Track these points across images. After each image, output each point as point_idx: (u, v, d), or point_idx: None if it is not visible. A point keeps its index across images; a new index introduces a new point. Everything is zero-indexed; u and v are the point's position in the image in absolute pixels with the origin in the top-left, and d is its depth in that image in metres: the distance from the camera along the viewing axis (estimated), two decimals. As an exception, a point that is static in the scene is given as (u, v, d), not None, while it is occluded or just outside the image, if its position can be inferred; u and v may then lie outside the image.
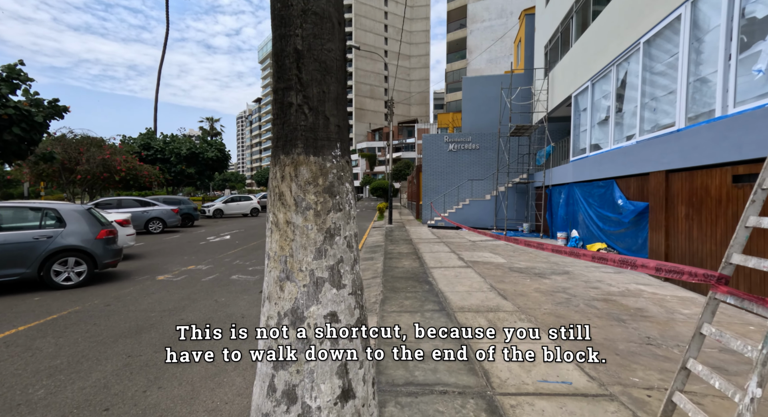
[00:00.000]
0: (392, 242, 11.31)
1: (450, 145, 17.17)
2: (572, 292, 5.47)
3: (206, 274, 6.93)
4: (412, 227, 16.08)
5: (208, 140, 22.76)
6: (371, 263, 8.03)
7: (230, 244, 11.26)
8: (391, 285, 5.97)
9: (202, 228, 16.14)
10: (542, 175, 13.50)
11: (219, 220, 20.69)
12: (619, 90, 8.07)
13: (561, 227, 11.46)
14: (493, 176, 16.39)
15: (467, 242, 11.26)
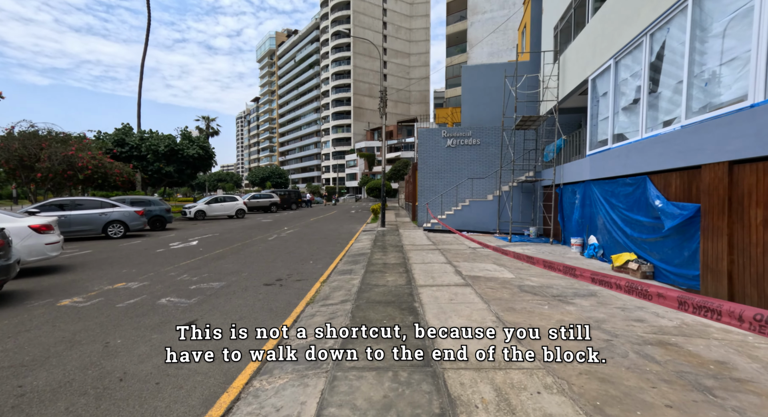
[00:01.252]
0: (380, 249, 9.78)
1: (448, 140, 15.64)
2: (610, 329, 3.93)
3: (130, 296, 5.41)
4: (406, 231, 14.54)
5: (190, 136, 21.25)
6: (347, 279, 6.49)
7: (191, 251, 9.73)
8: (362, 315, 4.43)
9: (172, 232, 14.62)
10: (552, 172, 11.96)
11: (199, 223, 19.17)
12: (653, 65, 6.53)
13: (575, 232, 9.91)
14: (495, 174, 14.84)
15: (466, 250, 9.72)
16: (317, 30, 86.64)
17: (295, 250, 10.17)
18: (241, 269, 7.49)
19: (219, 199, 22.31)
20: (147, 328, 4.14)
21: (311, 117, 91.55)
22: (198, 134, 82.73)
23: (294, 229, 16.00)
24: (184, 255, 9.14)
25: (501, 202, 13.86)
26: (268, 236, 13.23)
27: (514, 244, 11.19)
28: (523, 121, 12.31)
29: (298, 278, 6.76)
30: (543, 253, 9.39)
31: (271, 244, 11.34)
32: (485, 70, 15.85)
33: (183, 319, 4.41)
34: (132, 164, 18.49)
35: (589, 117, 9.25)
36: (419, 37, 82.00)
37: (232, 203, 22.45)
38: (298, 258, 8.89)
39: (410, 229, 15.32)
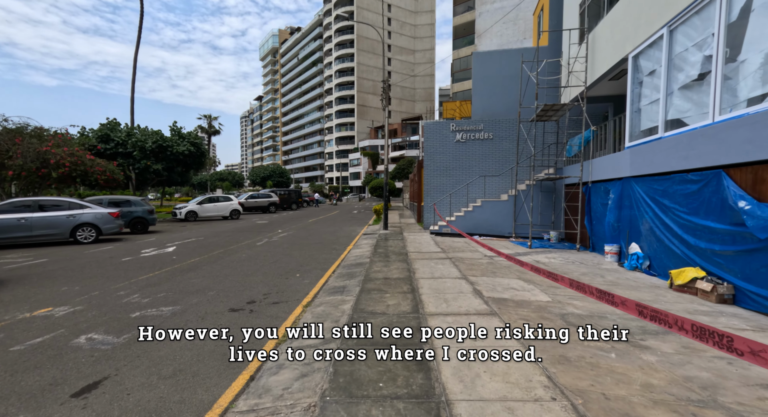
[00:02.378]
0: (381, 258, 8.38)
1: (457, 134, 14.20)
2: (734, 405, 2.50)
3: (42, 331, 4.06)
4: (411, 234, 13.13)
5: (181, 132, 19.97)
6: (337, 302, 5.10)
7: (162, 261, 8.40)
8: (349, 374, 3.04)
9: (153, 236, 13.33)
10: (577, 168, 10.49)
11: (188, 225, 17.88)
12: (734, 26, 5.06)
13: (609, 238, 8.45)
14: (511, 171, 13.38)
15: (482, 259, 8.29)
16: (320, 27, 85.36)
17: (282, 258, 8.80)
18: (211, 286, 6.13)
19: (213, 198, 21.03)
20: (19, 398, 2.77)
21: (314, 115, 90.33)
22: (199, 133, 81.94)
23: (289, 231, 14.66)
24: (150, 265, 7.81)
25: (518, 202, 12.41)
26: (257, 240, 11.88)
27: (536, 251, 9.74)
28: (544, 111, 10.84)
29: (276, 300, 5.38)
30: (572, 263, 7.94)
31: (258, 250, 9.99)
32: (499, 56, 14.39)
33: (87, 378, 3.05)
34: (117, 162, 17.25)
35: (629, 103, 7.77)
36: (424, 33, 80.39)
37: (226, 203, 21.16)
38: (283, 269, 7.52)
39: (415, 232, 13.91)
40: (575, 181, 10.40)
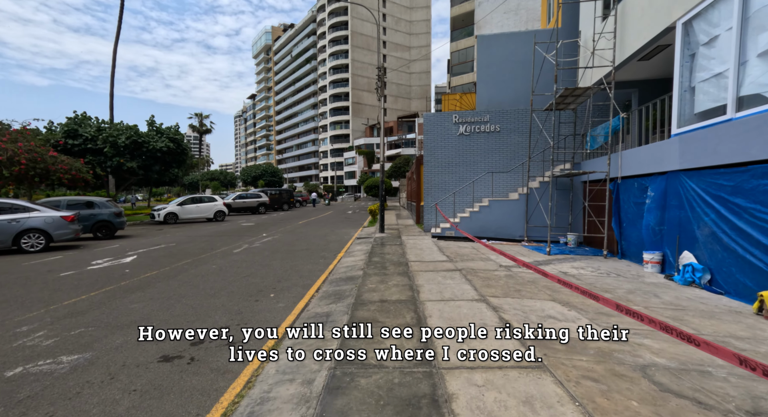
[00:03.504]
0: (377, 270, 6.95)
1: (461, 127, 12.81)
2: None
3: None
4: (411, 238, 11.71)
5: (160, 128, 18.33)
6: (315, 345, 3.65)
7: (109, 276, 6.92)
8: None
9: (118, 241, 11.80)
10: (600, 162, 9.13)
11: (166, 228, 16.33)
12: None
13: (649, 244, 7.08)
14: (522, 167, 12.00)
15: (498, 270, 6.88)
16: (314, 23, 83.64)
17: (259, 270, 7.34)
18: (152, 315, 4.67)
19: (195, 199, 19.49)
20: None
21: (309, 113, 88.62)
22: (190, 132, 79.83)
23: (274, 235, 13.19)
24: (91, 283, 6.32)
25: (530, 201, 11.03)
26: (236, 247, 10.41)
27: (557, 258, 8.36)
28: (563, 98, 9.46)
29: (233, 338, 3.94)
30: (607, 274, 6.56)
31: (233, 259, 8.52)
32: (506, 40, 12.99)
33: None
34: (85, 159, 15.66)
35: (677, 81, 6.39)
36: (420, 29, 78.97)
37: (210, 204, 19.62)
38: (256, 287, 6.07)
39: (415, 235, 12.49)
40: (600, 177, 9.03)
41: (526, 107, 12.47)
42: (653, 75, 9.80)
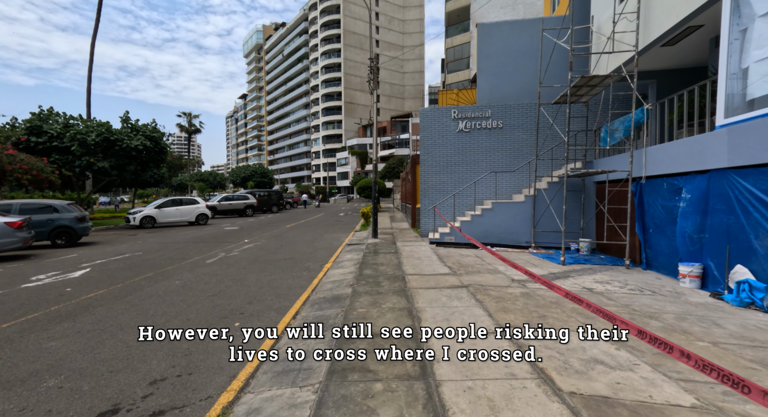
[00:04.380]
0: (368, 286, 5.86)
1: (460, 122, 11.79)
2: None
3: None
4: (407, 244, 10.65)
5: (136, 125, 16.95)
6: (282, 395, 2.55)
7: (42, 297, 5.73)
8: None
9: (79, 250, 10.55)
10: (618, 161, 8.16)
11: (141, 233, 15.05)
12: None
13: (685, 254, 6.09)
14: (528, 167, 11.01)
15: (511, 287, 5.84)
16: (306, 21, 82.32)
17: (229, 287, 6.21)
18: (68, 359, 3.53)
19: (176, 201, 18.20)
20: None
21: (300, 113, 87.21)
22: (179, 132, 77.86)
23: (257, 241, 12.03)
24: (14, 307, 5.13)
25: (538, 204, 10.03)
26: (210, 256, 9.25)
27: (573, 268, 7.34)
28: (576, 88, 8.47)
29: (167, 404, 2.82)
30: (638, 291, 5.55)
31: (202, 272, 7.37)
32: (509, 29, 12.00)
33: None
34: (50, 158, 14.31)
35: (724, 62, 5.41)
36: (413, 28, 78.12)
37: (192, 207, 18.34)
38: (218, 313, 4.94)
39: (411, 240, 11.42)
40: (620, 177, 8.04)
41: (531, 101, 11.50)
42: (674, 64, 8.88)
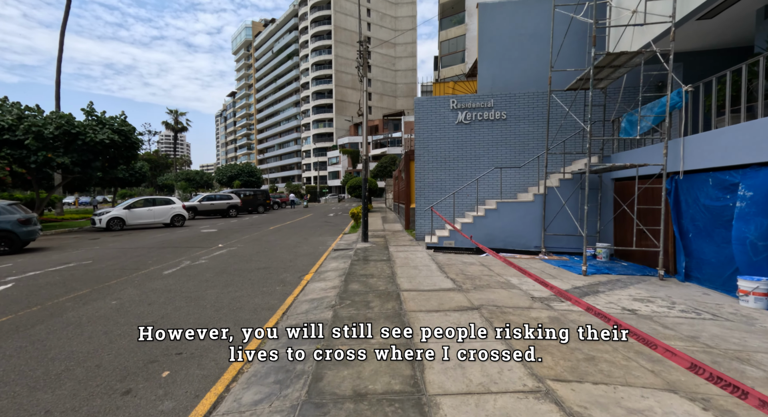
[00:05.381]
0: (354, 309, 4.59)
1: (460, 113, 10.60)
2: None
3: None
4: (401, 249, 9.41)
5: (102, 117, 15.34)
6: None
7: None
8: None
9: (19, 258, 9.08)
10: (640, 154, 7.03)
11: (105, 236, 13.55)
12: None
13: (746, 266, 4.96)
14: (538, 161, 9.85)
15: (533, 306, 4.62)
16: (296, 17, 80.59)
17: (174, 313, 4.89)
18: None
19: (149, 201, 16.69)
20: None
21: (291, 111, 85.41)
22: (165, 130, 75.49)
23: (233, 246, 10.67)
24: None
25: (549, 203, 8.88)
26: (172, 265, 7.89)
27: (597, 280, 6.17)
28: (598, 69, 7.31)
29: None
30: (694, 313, 4.38)
31: (150, 289, 6.03)
32: (513, 10, 10.83)
33: None
34: (0, 153, 12.73)
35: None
36: (405, 25, 76.96)
37: (166, 208, 16.85)
38: (146, 354, 3.63)
39: (405, 245, 10.18)
40: (652, 172, 6.89)
41: (538, 90, 10.35)
42: (707, 43, 7.80)
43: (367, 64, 11.05)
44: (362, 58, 11.24)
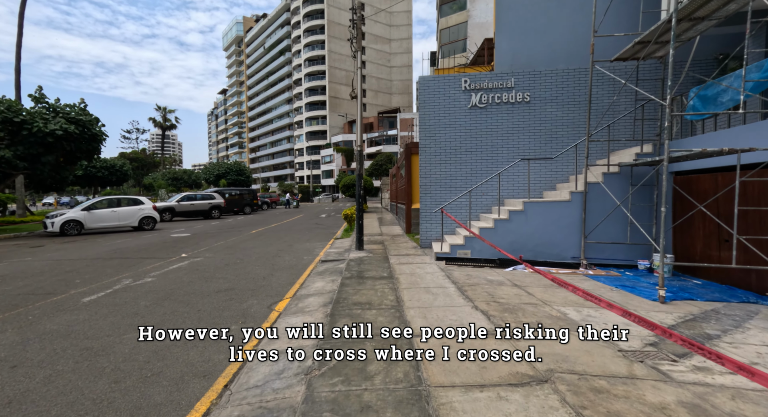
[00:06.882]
0: (343, 385, 2.71)
1: (473, 95, 8.78)
2: None
3: None
4: (404, 260, 7.53)
5: (55, 106, 13.19)
6: None
7: None
8: None
9: None
10: (736, 136, 5.22)
11: (51, 243, 11.52)
12: None
13: None
14: (576, 150, 8.00)
15: (636, 373, 2.74)
16: (288, 12, 78.32)
17: (40, 388, 2.97)
18: None
19: (112, 201, 14.64)
20: None
21: (283, 109, 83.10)
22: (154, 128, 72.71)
23: (198, 256, 8.74)
24: None
25: (591, 204, 7.07)
26: (102, 286, 5.95)
27: (690, 312, 4.34)
28: (678, 21, 5.47)
29: None
30: None
31: (40, 332, 4.11)
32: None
33: None
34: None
35: None
36: (401, 20, 75.10)
37: (133, 209, 14.81)
38: None
39: (409, 254, 8.30)
40: (754, 161, 5.08)
41: (568, 67, 8.52)
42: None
43: (361, 35, 9.16)
44: (356, 28, 9.36)
